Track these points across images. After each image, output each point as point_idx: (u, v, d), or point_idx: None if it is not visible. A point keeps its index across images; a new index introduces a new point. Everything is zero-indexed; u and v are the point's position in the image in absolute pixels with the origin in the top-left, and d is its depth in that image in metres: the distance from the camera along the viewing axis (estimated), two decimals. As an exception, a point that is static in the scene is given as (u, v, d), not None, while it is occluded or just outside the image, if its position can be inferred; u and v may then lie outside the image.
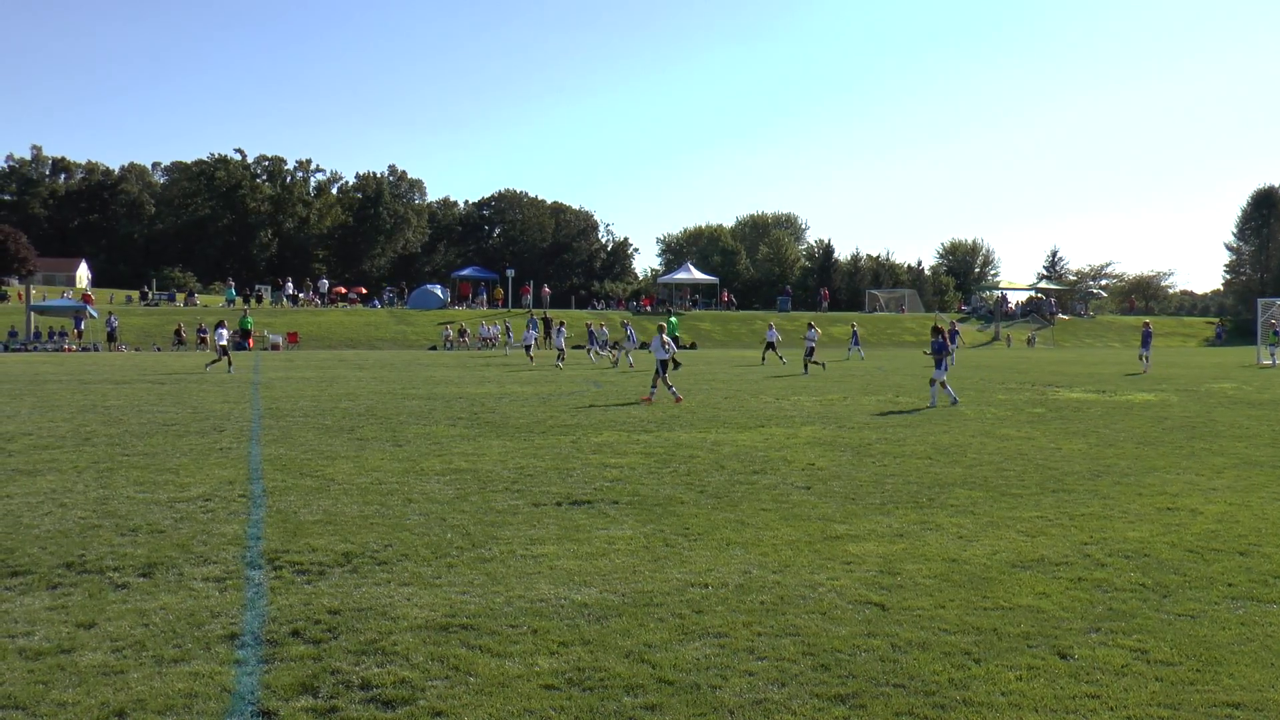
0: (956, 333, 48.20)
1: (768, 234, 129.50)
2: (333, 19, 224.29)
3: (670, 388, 23.38)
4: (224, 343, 36.42)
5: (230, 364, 35.71)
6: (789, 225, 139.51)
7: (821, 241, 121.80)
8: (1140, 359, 36.63)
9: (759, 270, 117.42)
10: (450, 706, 5.21)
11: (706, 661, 5.87)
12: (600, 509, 10.31)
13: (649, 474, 12.57)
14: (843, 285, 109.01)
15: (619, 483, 11.90)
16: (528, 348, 41.13)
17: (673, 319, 38.91)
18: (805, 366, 36.14)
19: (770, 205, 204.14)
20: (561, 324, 43.12)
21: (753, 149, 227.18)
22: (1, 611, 6.79)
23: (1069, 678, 5.65)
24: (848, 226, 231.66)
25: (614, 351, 40.24)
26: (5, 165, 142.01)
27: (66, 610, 6.79)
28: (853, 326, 51.36)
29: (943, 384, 22.81)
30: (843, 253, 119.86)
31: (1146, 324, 38.11)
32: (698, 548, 8.67)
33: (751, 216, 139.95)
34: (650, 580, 7.59)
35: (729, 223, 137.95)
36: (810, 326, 38.28)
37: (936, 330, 23.32)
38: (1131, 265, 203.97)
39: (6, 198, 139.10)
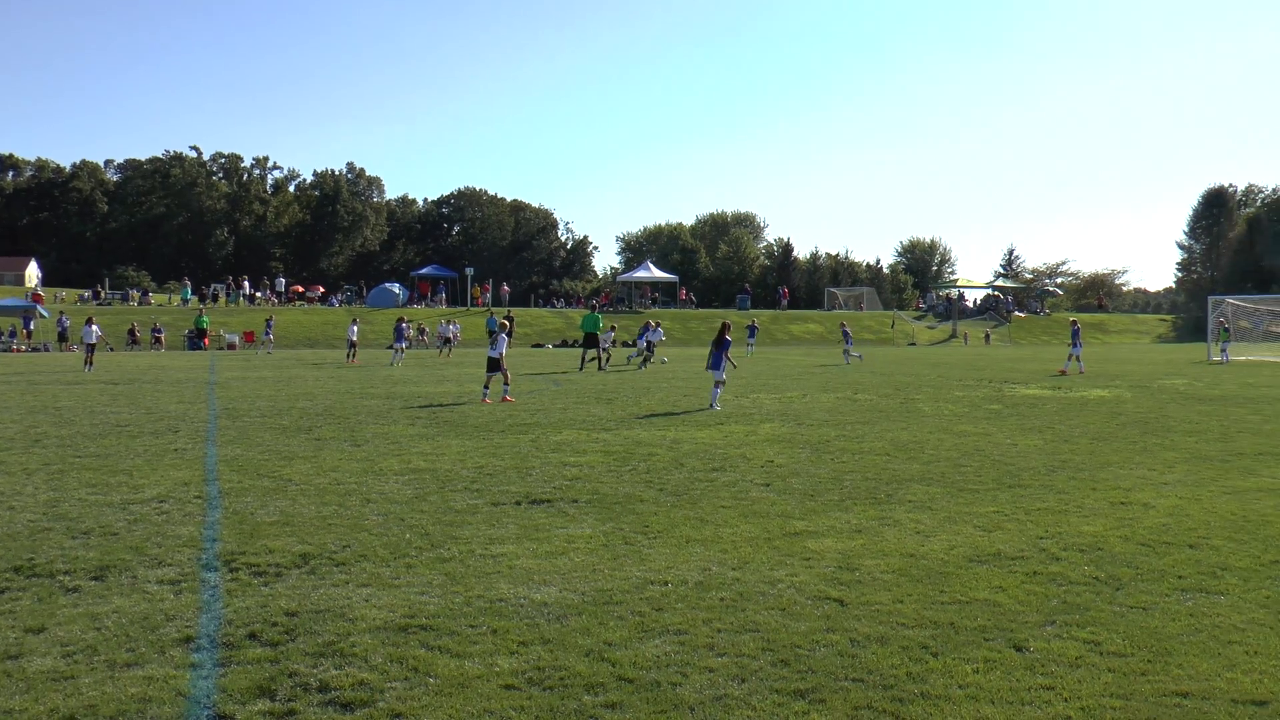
0: (755, 329, 48.01)
1: (727, 233, 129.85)
2: (290, 14, 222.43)
3: (505, 386, 23.01)
4: (92, 341, 36.18)
5: (89, 363, 35.62)
6: (748, 224, 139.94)
7: (781, 240, 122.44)
8: (1070, 358, 35.89)
9: (719, 269, 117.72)
10: (409, 708, 5.18)
11: (667, 659, 5.88)
12: (560, 508, 10.30)
13: (608, 472, 12.57)
14: (802, 284, 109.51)
15: (578, 481, 11.88)
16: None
17: (594, 315, 38.77)
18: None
19: (730, 204, 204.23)
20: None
21: (713, 148, 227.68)
22: (-50, 617, 6.67)
23: (1025, 670, 5.71)
24: (807, 225, 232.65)
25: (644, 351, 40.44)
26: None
27: (14, 615, 6.67)
28: (842, 325, 50.04)
29: (719, 382, 21.50)
30: (802, 251, 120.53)
31: (1074, 321, 38.25)
32: (657, 546, 8.68)
33: (711, 215, 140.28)
34: (610, 578, 7.58)
35: (689, 221, 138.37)
36: (654, 326, 39.82)
37: (723, 328, 21.88)
38: (1086, 263, 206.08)
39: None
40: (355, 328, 44.14)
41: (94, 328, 37.23)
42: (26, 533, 9.12)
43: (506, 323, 24.49)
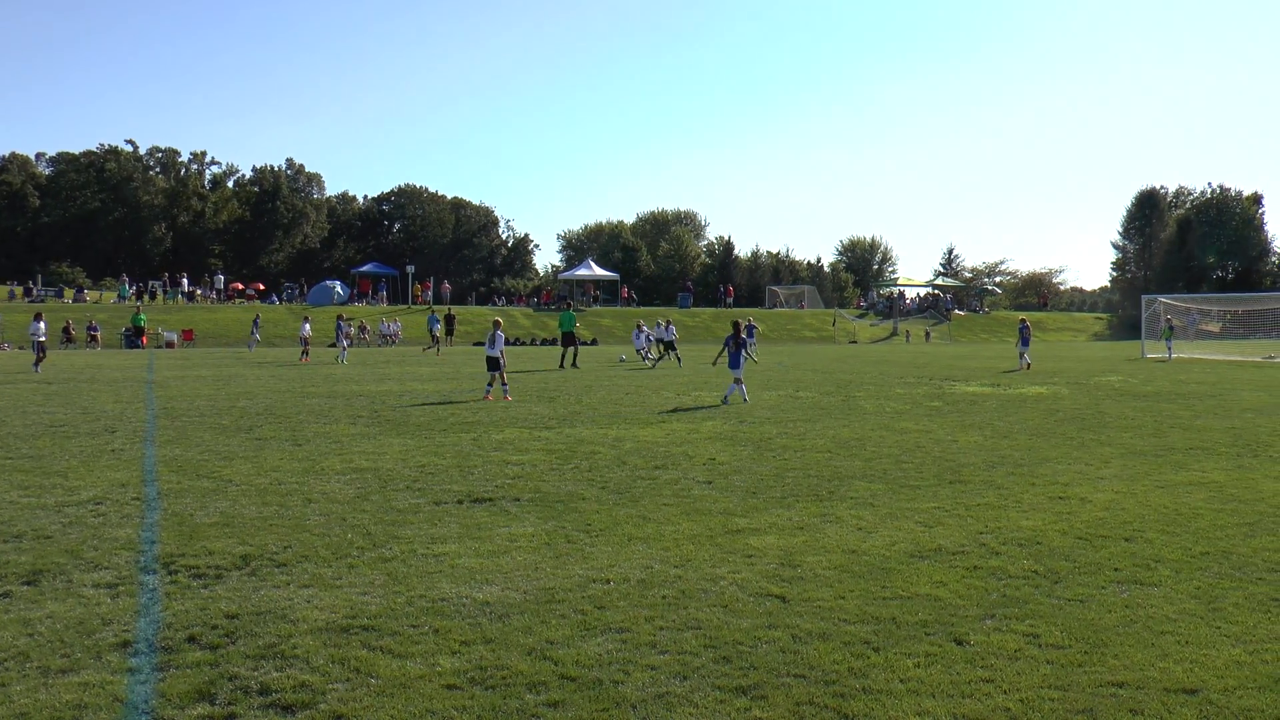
0: (754, 328, 48.10)
1: (668, 231, 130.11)
2: (228, 6, 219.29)
3: (504, 386, 23.23)
4: (41, 339, 35.28)
5: (39, 362, 34.69)
6: (689, 222, 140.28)
7: (722, 239, 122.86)
8: (1020, 356, 36.88)
9: (660, 267, 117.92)
10: (352, 709, 5.14)
11: (609, 657, 5.89)
12: (502, 506, 10.27)
13: (550, 471, 12.55)
14: (743, 282, 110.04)
15: (520, 480, 11.86)
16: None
17: (569, 313, 38.95)
18: (668, 359, 38.40)
19: (670, 202, 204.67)
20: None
21: (653, 146, 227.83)
22: (-123, 622, 6.51)
23: (965, 663, 5.79)
24: (748, 224, 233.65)
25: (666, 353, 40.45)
26: None
27: (-53, 620, 6.54)
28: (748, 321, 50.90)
29: (737, 380, 22.27)
30: (743, 249, 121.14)
31: (1023, 320, 38.89)
32: (599, 544, 8.68)
33: (652, 214, 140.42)
34: (552, 577, 7.58)
35: (630, 220, 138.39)
36: (668, 322, 40.45)
37: (736, 326, 22.93)
38: (1024, 263, 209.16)
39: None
40: (307, 326, 43.78)
41: (41, 324, 36.10)
42: (-43, 536, 8.93)
43: (500, 320, 24.44)
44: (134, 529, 9.26)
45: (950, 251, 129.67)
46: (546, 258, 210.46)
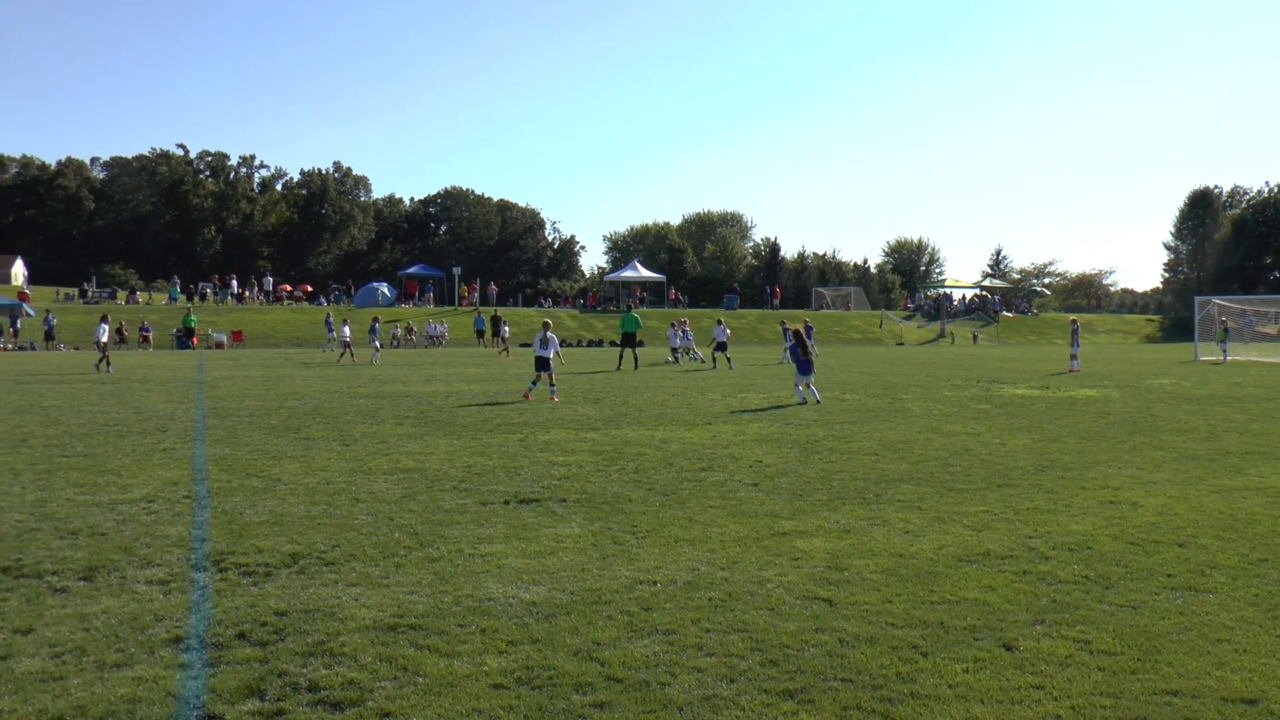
0: (811, 328, 47.39)
1: (714, 232, 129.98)
2: (277, 12, 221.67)
3: (552, 387, 23.34)
4: (103, 339, 35.65)
5: (108, 363, 35.05)
6: (735, 224, 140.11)
7: (768, 240, 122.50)
8: (1072, 358, 36.56)
9: (706, 268, 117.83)
10: (399, 707, 5.17)
11: (655, 659, 5.88)
12: (548, 507, 10.29)
13: (597, 472, 12.57)
14: (789, 283, 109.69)
15: (567, 481, 11.88)
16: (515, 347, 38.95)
17: (632, 314, 39.10)
18: (714, 360, 38.03)
19: (716, 204, 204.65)
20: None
21: (699, 147, 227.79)
22: (-64, 617, 6.64)
23: (1014, 669, 5.72)
24: (794, 225, 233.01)
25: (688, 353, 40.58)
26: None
27: (3, 616, 6.64)
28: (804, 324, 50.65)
29: (807, 385, 22.47)
30: (789, 251, 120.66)
31: (1074, 321, 38.45)
32: (646, 545, 8.68)
33: (698, 215, 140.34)
34: (599, 578, 7.58)
35: (676, 221, 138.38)
36: (719, 322, 39.97)
37: (791, 330, 23.03)
38: (1074, 264, 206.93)
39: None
40: (348, 328, 44.16)
41: (105, 325, 36.46)
42: (14, 533, 9.08)
43: (549, 322, 24.67)
44: (185, 527, 9.37)
45: (998, 252, 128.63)
46: (593, 259, 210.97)
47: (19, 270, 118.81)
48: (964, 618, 6.64)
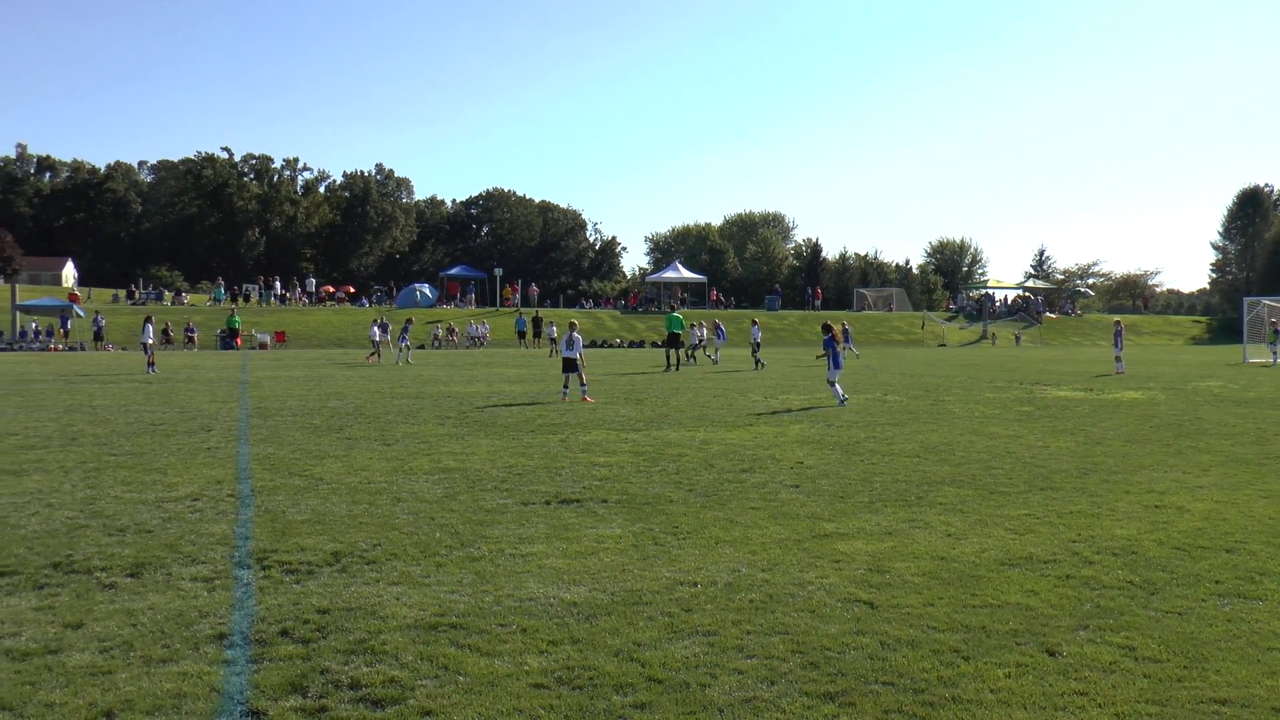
0: (848, 330, 46.51)
1: (755, 233, 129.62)
2: (319, 16, 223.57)
3: (583, 387, 23.40)
4: (150, 340, 36.10)
5: (151, 364, 35.45)
6: (777, 224, 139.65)
7: (809, 240, 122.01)
8: (1116, 360, 36.24)
9: (747, 269, 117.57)
10: (440, 705, 5.20)
11: (696, 660, 5.88)
12: (589, 507, 10.31)
13: (638, 472, 12.58)
14: (831, 284, 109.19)
15: (608, 481, 11.90)
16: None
17: (676, 315, 39.25)
18: (755, 363, 38.05)
19: (758, 204, 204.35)
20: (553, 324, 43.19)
21: (740, 148, 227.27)
22: (-12, 612, 6.76)
23: (1057, 675, 5.67)
24: (836, 226, 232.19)
25: (704, 351, 40.67)
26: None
27: (54, 610, 6.76)
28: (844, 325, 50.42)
29: (831, 384, 22.33)
30: (831, 251, 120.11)
31: (1118, 322, 38.00)
32: (687, 546, 8.67)
33: (739, 215, 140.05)
34: (639, 579, 7.59)
35: (717, 222, 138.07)
36: (754, 322, 40.43)
37: (827, 328, 22.95)
38: (1119, 264, 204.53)
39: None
40: (377, 329, 44.49)
41: (149, 327, 36.99)
42: (64, 530, 9.22)
43: (575, 322, 24.79)
44: (229, 525, 9.48)
45: (1041, 253, 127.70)
46: (634, 260, 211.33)
47: (69, 272, 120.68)
48: (1006, 622, 6.59)
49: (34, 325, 58.28)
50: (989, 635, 6.33)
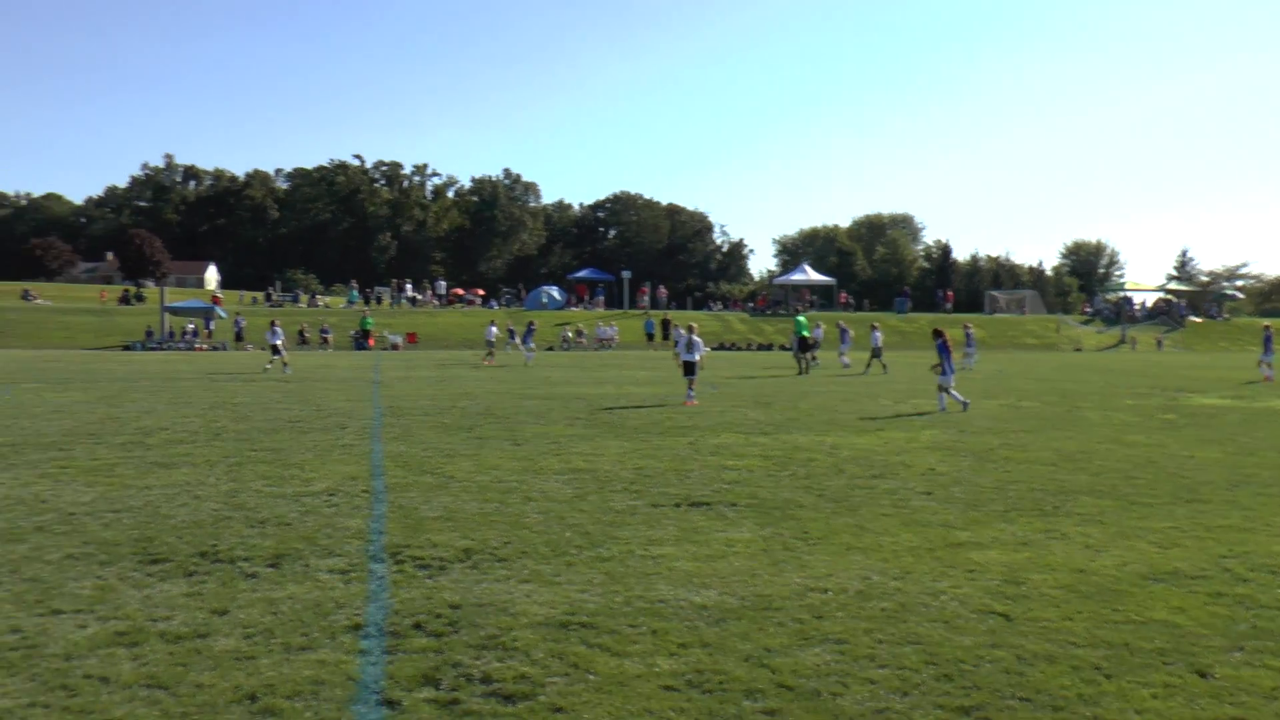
0: (970, 334, 44.46)
1: (884, 234, 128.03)
2: (447, 25, 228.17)
3: (690, 391, 23.27)
4: (278, 341, 37.11)
5: (285, 364, 36.32)
6: (906, 225, 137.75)
7: (939, 242, 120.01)
8: (1260, 365, 34.83)
9: (876, 271, 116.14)
10: (570, 703, 5.22)
11: (827, 668, 5.79)
12: (718, 511, 10.27)
13: (767, 476, 12.48)
14: (961, 286, 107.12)
15: (737, 485, 11.83)
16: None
17: (800, 318, 39.05)
18: (867, 366, 37.53)
19: (887, 205, 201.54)
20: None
21: (869, 148, 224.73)
22: (144, 596, 7.07)
23: (1210, 698, 5.42)
24: (966, 227, 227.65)
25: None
26: (141, 173, 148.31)
27: (202, 597, 7.02)
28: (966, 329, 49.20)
29: (947, 389, 21.71)
30: (961, 253, 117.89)
31: (1266, 327, 36.37)
32: (817, 552, 8.57)
33: (868, 217, 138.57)
34: (769, 584, 7.52)
35: (845, 223, 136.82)
36: (874, 326, 39.85)
37: (938, 333, 22.39)
38: (1270, 265, 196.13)
39: (142, 204, 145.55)
40: (494, 328, 45.20)
41: (277, 328, 38.36)
42: (210, 521, 9.56)
43: (695, 325, 24.86)
44: (363, 519, 9.69)
45: (1184, 254, 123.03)
46: (761, 262, 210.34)
47: (212, 275, 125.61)
48: (1152, 640, 6.34)
49: (190, 326, 60.64)
50: (1133, 653, 6.09)
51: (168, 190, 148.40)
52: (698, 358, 23.30)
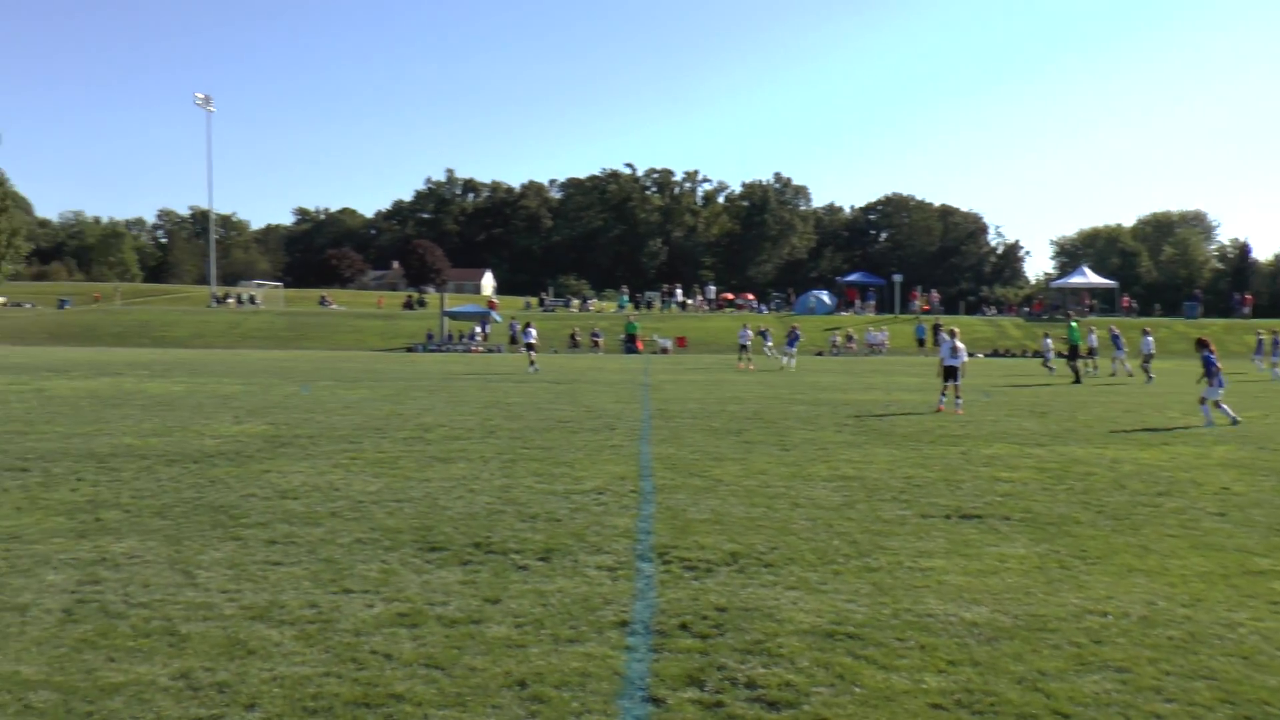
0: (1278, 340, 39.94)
1: (1172, 233, 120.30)
2: (716, 37, 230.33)
3: (957, 399, 22.35)
4: (532, 341, 39.08)
5: (532, 362, 38.61)
6: (1197, 223, 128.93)
7: (1236, 241, 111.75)
8: None
9: (1162, 273, 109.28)
10: (835, 715, 5.13)
11: (1106, 697, 5.44)
12: (991, 524, 9.89)
13: (1042, 490, 11.93)
14: (1263, 289, 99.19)
15: (1010, 498, 11.36)
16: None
17: (1073, 324, 37.29)
18: (1147, 374, 35.46)
19: (1175, 202, 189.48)
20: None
21: (1155, 140, 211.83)
22: (423, 581, 7.46)
23: None
24: (1268, 224, 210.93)
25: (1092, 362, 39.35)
26: (425, 187, 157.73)
27: (475, 585, 7.34)
28: (1258, 335, 45.69)
29: (1214, 403, 19.99)
30: (1262, 253, 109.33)
31: None
32: (1095, 572, 8.10)
33: (1154, 215, 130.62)
34: (1044, 603, 7.16)
35: (1129, 222, 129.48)
36: (1145, 332, 37.58)
37: (1202, 344, 20.62)
38: None
39: (425, 216, 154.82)
40: (749, 332, 45.29)
41: (532, 330, 41.01)
42: (484, 513, 9.99)
43: (957, 330, 24.21)
44: (631, 519, 9.87)
45: None
46: (1038, 265, 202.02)
47: (488, 281, 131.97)
48: None
49: (477, 330, 63.84)
50: None
51: (448, 202, 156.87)
52: (960, 363, 22.54)
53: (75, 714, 5.02)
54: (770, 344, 49.61)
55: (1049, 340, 42.47)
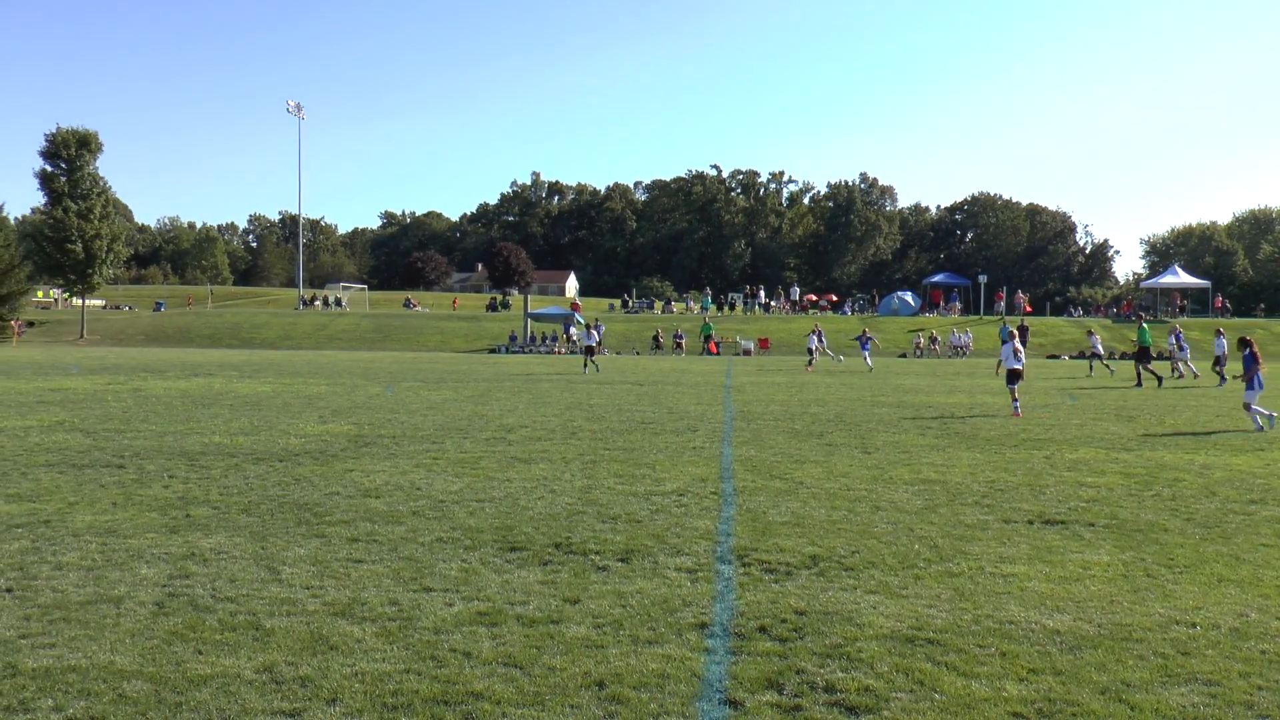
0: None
1: (1272, 230, 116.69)
2: (805, 37, 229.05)
3: (1014, 401, 21.89)
4: (592, 343, 39.30)
5: (587, 364, 38.93)
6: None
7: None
8: None
9: (1260, 272, 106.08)
10: (914, 720, 5.11)
11: (1194, 711, 5.31)
12: (1075, 530, 9.73)
13: (1129, 496, 11.70)
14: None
15: (1095, 503, 11.16)
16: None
17: (1143, 326, 36.50)
18: (1221, 378, 34.31)
19: (1276, 197, 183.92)
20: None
21: (1253, 134, 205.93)
22: (503, 581, 7.55)
23: None
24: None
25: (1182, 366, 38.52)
26: (510, 190, 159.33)
27: (555, 585, 7.41)
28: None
29: (1245, 405, 19.41)
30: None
31: None
32: (1183, 581, 7.92)
33: (1252, 212, 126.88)
34: (1129, 613, 7.02)
35: (1224, 220, 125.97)
36: (1219, 333, 36.39)
37: (1244, 343, 19.95)
38: None
39: (510, 218, 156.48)
40: (814, 338, 44.95)
41: (592, 330, 41.59)
42: (565, 514, 10.08)
43: (1016, 332, 23.83)
44: (711, 521, 9.89)
45: None
46: (1127, 265, 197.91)
47: (572, 283, 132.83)
48: None
49: (571, 331, 64.36)
50: None
51: (533, 205, 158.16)
52: (1022, 365, 22.16)
53: (165, 704, 5.18)
54: (822, 343, 47.96)
55: (1096, 337, 41.77)
